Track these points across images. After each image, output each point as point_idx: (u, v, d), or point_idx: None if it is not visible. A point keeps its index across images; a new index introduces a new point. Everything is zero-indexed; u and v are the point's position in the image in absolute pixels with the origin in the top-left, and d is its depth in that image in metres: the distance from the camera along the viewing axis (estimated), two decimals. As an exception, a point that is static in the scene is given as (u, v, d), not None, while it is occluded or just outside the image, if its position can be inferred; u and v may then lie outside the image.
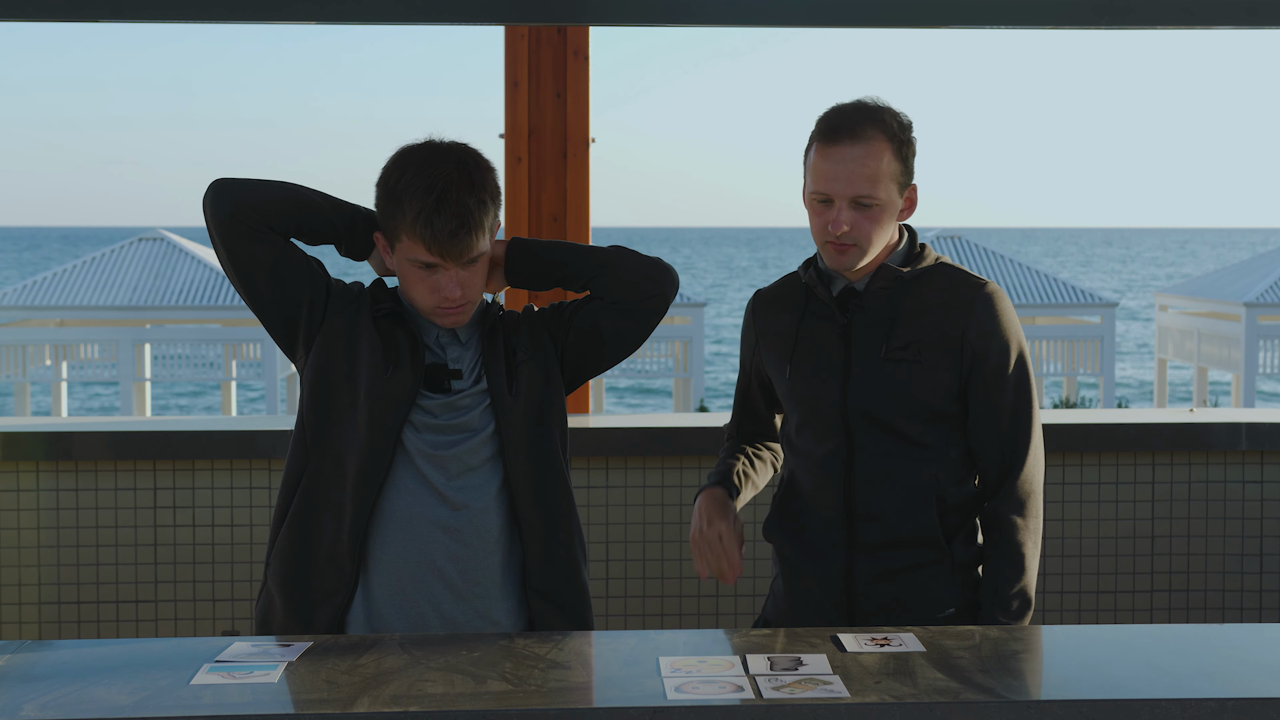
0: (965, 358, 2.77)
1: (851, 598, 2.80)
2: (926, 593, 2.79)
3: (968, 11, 3.92)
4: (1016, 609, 2.75)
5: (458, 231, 2.58)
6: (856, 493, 2.79)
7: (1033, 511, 2.79)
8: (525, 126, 4.32)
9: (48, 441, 4.08)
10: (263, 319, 2.71)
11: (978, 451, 2.81)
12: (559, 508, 2.74)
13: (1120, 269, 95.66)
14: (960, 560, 2.81)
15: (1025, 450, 2.80)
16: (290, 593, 2.67)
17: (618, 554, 4.17)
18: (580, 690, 2.21)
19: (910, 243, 2.87)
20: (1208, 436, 4.23)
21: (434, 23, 3.89)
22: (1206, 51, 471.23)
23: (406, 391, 2.65)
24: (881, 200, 2.74)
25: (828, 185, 2.74)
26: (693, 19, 3.93)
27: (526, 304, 2.88)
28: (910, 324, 2.78)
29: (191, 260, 21.37)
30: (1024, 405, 2.80)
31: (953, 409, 2.79)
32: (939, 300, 2.80)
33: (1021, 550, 2.76)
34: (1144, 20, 3.94)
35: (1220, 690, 2.19)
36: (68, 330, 20.74)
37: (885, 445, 2.78)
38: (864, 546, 2.79)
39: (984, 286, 2.80)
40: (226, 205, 2.64)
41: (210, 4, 3.86)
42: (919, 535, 2.77)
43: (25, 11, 3.86)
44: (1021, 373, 2.80)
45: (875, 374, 2.77)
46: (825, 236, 2.77)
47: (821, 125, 2.77)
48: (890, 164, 2.74)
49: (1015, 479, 2.78)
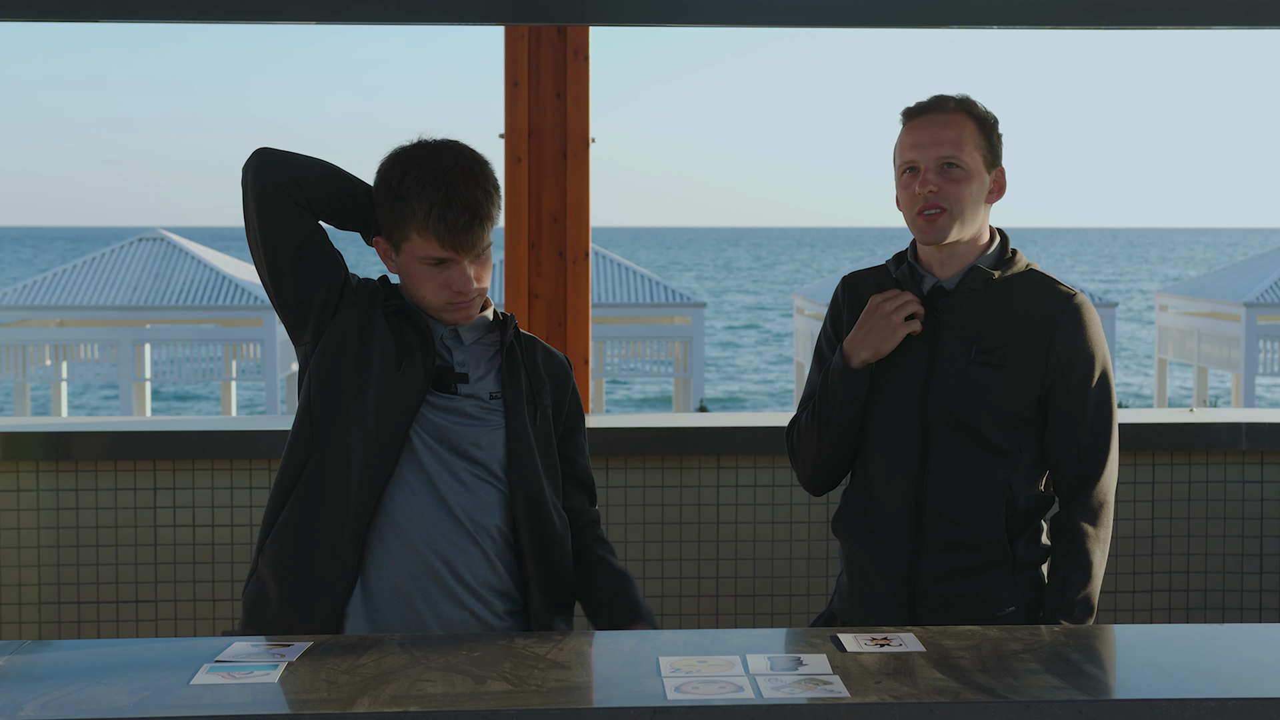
0: (1049, 367, 2.78)
1: (914, 596, 2.82)
2: (987, 593, 2.81)
3: (968, 11, 3.92)
4: (1078, 615, 2.77)
5: (470, 224, 2.60)
6: (927, 491, 2.80)
7: (1104, 522, 2.81)
8: (525, 126, 4.32)
9: (48, 441, 4.08)
10: (276, 296, 2.68)
11: (1054, 460, 2.82)
12: (552, 515, 2.76)
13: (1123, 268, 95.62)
14: (1022, 561, 2.82)
15: (1103, 462, 2.81)
16: (288, 580, 2.65)
17: (618, 554, 4.16)
18: (580, 690, 2.21)
19: (1002, 246, 2.89)
20: (1208, 436, 4.23)
21: (434, 23, 3.89)
22: (1206, 51, 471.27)
23: (418, 387, 2.65)
24: (966, 165, 2.78)
25: (913, 153, 2.80)
26: (693, 19, 3.93)
27: (564, 363, 2.86)
28: (997, 329, 2.79)
29: (191, 260, 21.38)
30: (1104, 418, 2.82)
31: (1031, 416, 2.81)
32: (1027, 307, 2.81)
33: (1091, 559, 2.78)
34: (1144, 20, 3.94)
35: (1220, 690, 2.19)
36: (68, 330, 20.75)
37: (960, 447, 2.79)
38: (930, 546, 2.81)
39: (1074, 297, 2.82)
40: (269, 174, 2.62)
41: (210, 4, 3.86)
42: (985, 538, 2.79)
43: (25, 11, 3.86)
44: (1104, 385, 2.82)
45: (959, 375, 2.78)
46: (915, 205, 2.80)
47: (907, 110, 2.86)
48: (975, 135, 2.81)
49: (1091, 489, 2.80)
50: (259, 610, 2.70)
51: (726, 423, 4.24)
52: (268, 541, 2.69)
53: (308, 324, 2.69)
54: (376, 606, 2.65)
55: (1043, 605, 2.81)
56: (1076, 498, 2.80)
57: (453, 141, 2.68)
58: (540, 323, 4.32)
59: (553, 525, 2.75)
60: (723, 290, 74.48)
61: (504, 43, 4.34)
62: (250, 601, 2.72)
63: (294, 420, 2.71)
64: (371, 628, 2.65)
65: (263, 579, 2.70)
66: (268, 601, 2.69)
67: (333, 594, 2.64)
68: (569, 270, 4.35)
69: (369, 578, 2.66)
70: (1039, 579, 2.85)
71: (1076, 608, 2.77)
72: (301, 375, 2.73)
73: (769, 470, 4.13)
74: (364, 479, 2.63)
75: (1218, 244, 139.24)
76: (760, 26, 3.99)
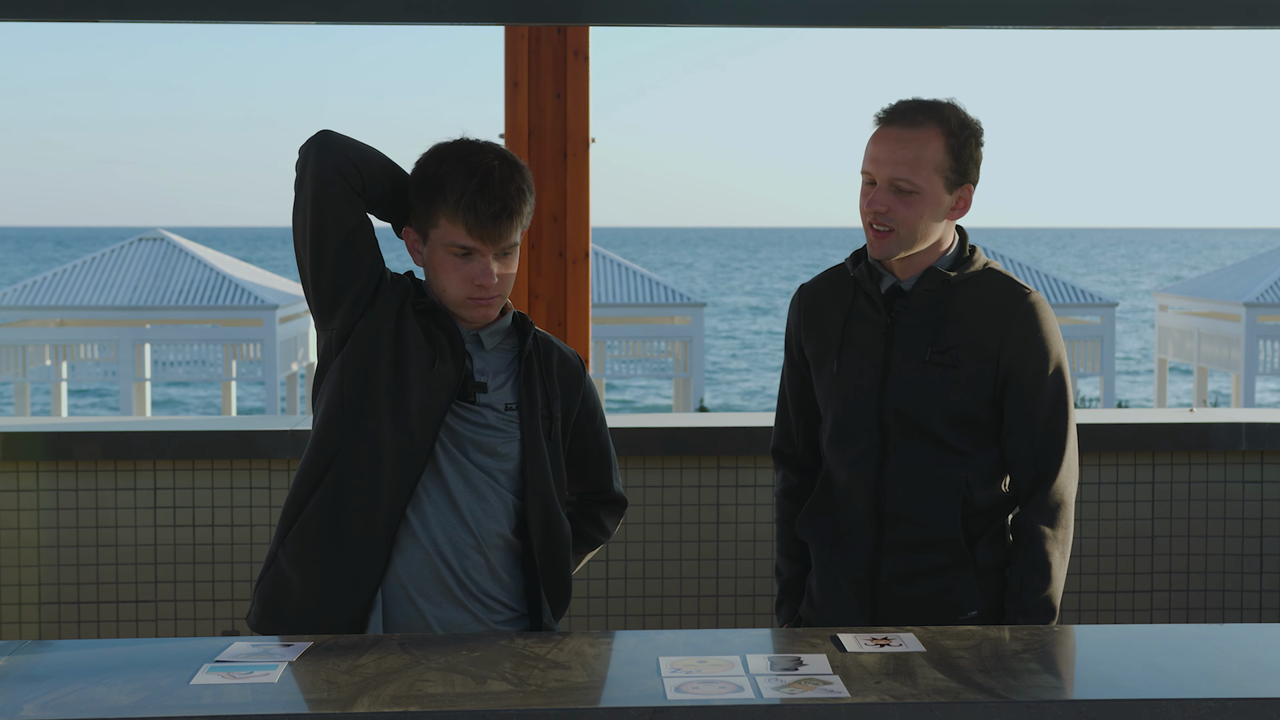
0: (1001, 366, 2.77)
1: (876, 598, 2.82)
2: (947, 596, 2.80)
3: (968, 11, 3.92)
4: (1039, 617, 2.75)
5: (500, 215, 2.60)
6: (886, 492, 2.80)
7: (1063, 522, 2.79)
8: (525, 126, 4.32)
9: (48, 441, 4.08)
10: (313, 278, 2.65)
11: (1011, 460, 2.81)
12: (563, 526, 2.78)
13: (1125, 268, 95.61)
14: (984, 564, 2.81)
15: (1059, 461, 2.79)
16: (312, 574, 2.64)
17: (618, 554, 4.17)
18: (580, 690, 2.21)
19: (960, 246, 2.86)
20: (1208, 436, 4.22)
21: (434, 23, 3.89)
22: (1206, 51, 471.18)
23: (450, 385, 2.65)
24: (920, 188, 2.73)
25: (871, 165, 2.77)
26: (693, 19, 3.93)
27: (577, 365, 2.87)
28: (953, 329, 2.78)
29: (191, 260, 21.37)
30: (1059, 416, 2.79)
31: (986, 416, 2.80)
32: (982, 306, 2.80)
33: (1049, 560, 2.76)
34: (1144, 20, 3.94)
35: (1220, 690, 2.19)
36: (68, 330, 20.74)
37: (917, 447, 2.78)
38: (891, 547, 2.80)
39: (1027, 296, 2.80)
40: (333, 158, 2.61)
41: (210, 4, 3.86)
42: (943, 538, 2.78)
43: (25, 11, 3.86)
44: (1058, 384, 2.80)
45: (915, 376, 2.78)
46: (866, 217, 2.79)
47: (880, 110, 2.81)
48: (938, 154, 2.74)
49: (1047, 489, 2.78)
50: (278, 602, 2.68)
51: (726, 423, 4.25)
52: (290, 533, 2.67)
53: (339, 311, 2.66)
54: (385, 603, 2.66)
55: (1004, 608, 2.80)
56: (1033, 498, 2.78)
57: (494, 143, 2.71)
58: (540, 323, 4.32)
59: (564, 534, 2.77)
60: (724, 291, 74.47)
61: (504, 43, 4.34)
62: (268, 594, 2.69)
63: (320, 412, 2.68)
64: (382, 624, 2.65)
65: (283, 571, 2.68)
66: (289, 594, 2.66)
67: (360, 588, 2.63)
68: (569, 270, 4.35)
69: (395, 572, 2.66)
70: (1003, 583, 2.83)
71: (1037, 610, 2.75)
72: (324, 365, 2.71)
73: (769, 470, 4.13)
74: (396, 474, 2.62)
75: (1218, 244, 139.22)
76: (760, 26, 3.99)
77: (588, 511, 2.94)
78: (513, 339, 2.78)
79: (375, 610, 2.64)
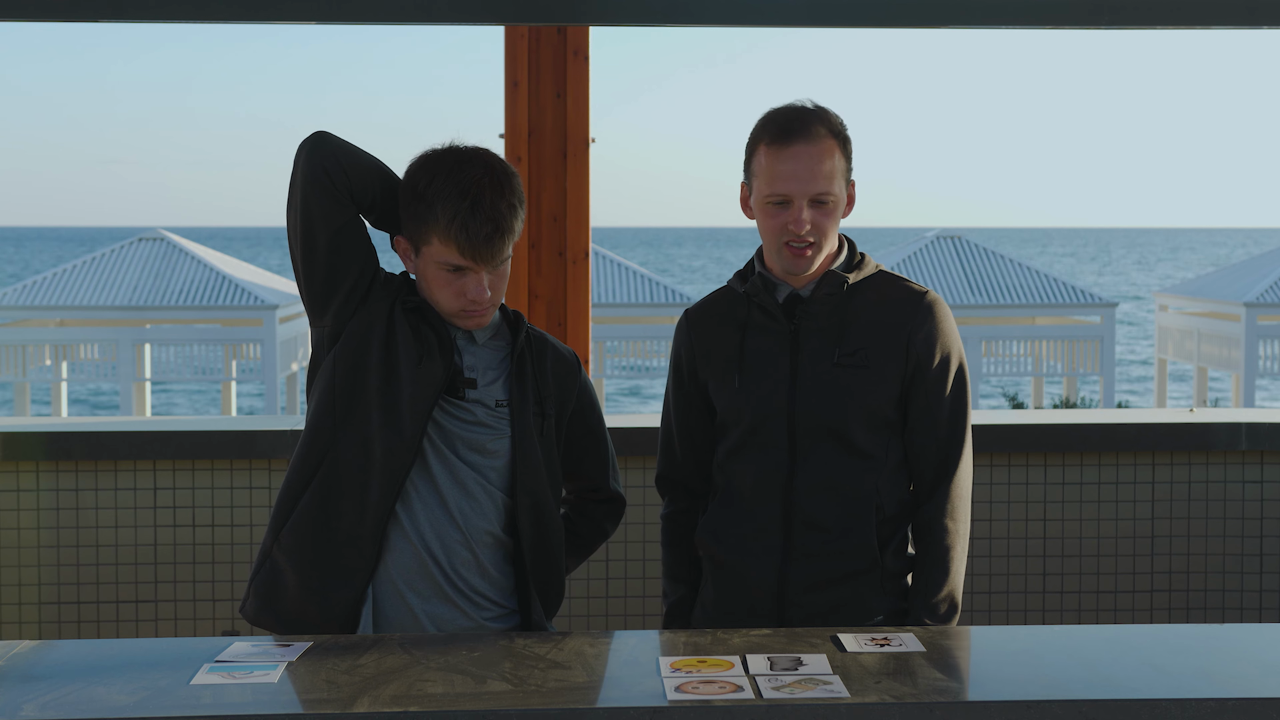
0: (909, 363, 2.80)
1: (783, 606, 2.79)
2: (857, 602, 2.79)
3: (968, 11, 3.92)
4: (944, 613, 2.77)
5: (492, 236, 2.60)
6: (797, 501, 2.78)
7: (963, 517, 2.82)
8: (525, 126, 4.32)
9: (48, 441, 4.08)
10: (305, 275, 2.67)
11: (914, 456, 2.83)
12: (556, 524, 2.78)
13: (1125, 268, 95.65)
14: (890, 569, 2.81)
15: (959, 456, 2.82)
16: (306, 569, 2.65)
17: (618, 554, 4.17)
18: (580, 690, 2.21)
19: (850, 250, 2.88)
20: (1208, 436, 4.23)
21: (434, 23, 3.89)
22: (1206, 51, 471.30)
23: (437, 382, 2.66)
24: (837, 197, 2.76)
25: (786, 186, 2.74)
26: (693, 19, 3.93)
27: (572, 362, 2.87)
28: (857, 331, 2.80)
29: (191, 260, 21.38)
30: (960, 412, 2.83)
31: (894, 415, 2.81)
32: (883, 307, 2.82)
33: (950, 555, 2.79)
34: (1144, 20, 3.94)
35: (1220, 690, 2.19)
36: (68, 330, 20.75)
37: (829, 454, 2.78)
38: (801, 555, 2.79)
39: (926, 295, 2.84)
40: (322, 159, 2.62)
41: (210, 4, 3.86)
42: (856, 545, 2.78)
43: (25, 11, 3.86)
44: (960, 380, 2.84)
45: (824, 380, 2.78)
46: (783, 238, 2.76)
47: (770, 127, 2.77)
48: (839, 161, 2.77)
49: (949, 484, 2.81)
50: (274, 596, 2.69)
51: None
52: (285, 529, 2.68)
53: (331, 307, 2.68)
54: (376, 598, 2.66)
55: (908, 608, 2.80)
56: (936, 493, 2.81)
57: (483, 150, 2.69)
58: (540, 323, 4.32)
59: (556, 533, 2.77)
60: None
61: (504, 43, 4.34)
62: (263, 588, 2.71)
63: (313, 408, 2.70)
64: (373, 619, 2.65)
65: (278, 567, 2.69)
66: (284, 589, 2.68)
67: (352, 584, 2.64)
68: (569, 270, 4.35)
69: (386, 568, 2.66)
70: (905, 587, 2.84)
71: (942, 605, 2.77)
72: (316, 361, 2.72)
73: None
74: (386, 470, 2.63)
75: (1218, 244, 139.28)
76: (760, 26, 3.99)
77: (585, 511, 2.94)
78: (505, 336, 2.78)
79: (366, 605, 2.65)
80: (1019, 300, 21.65)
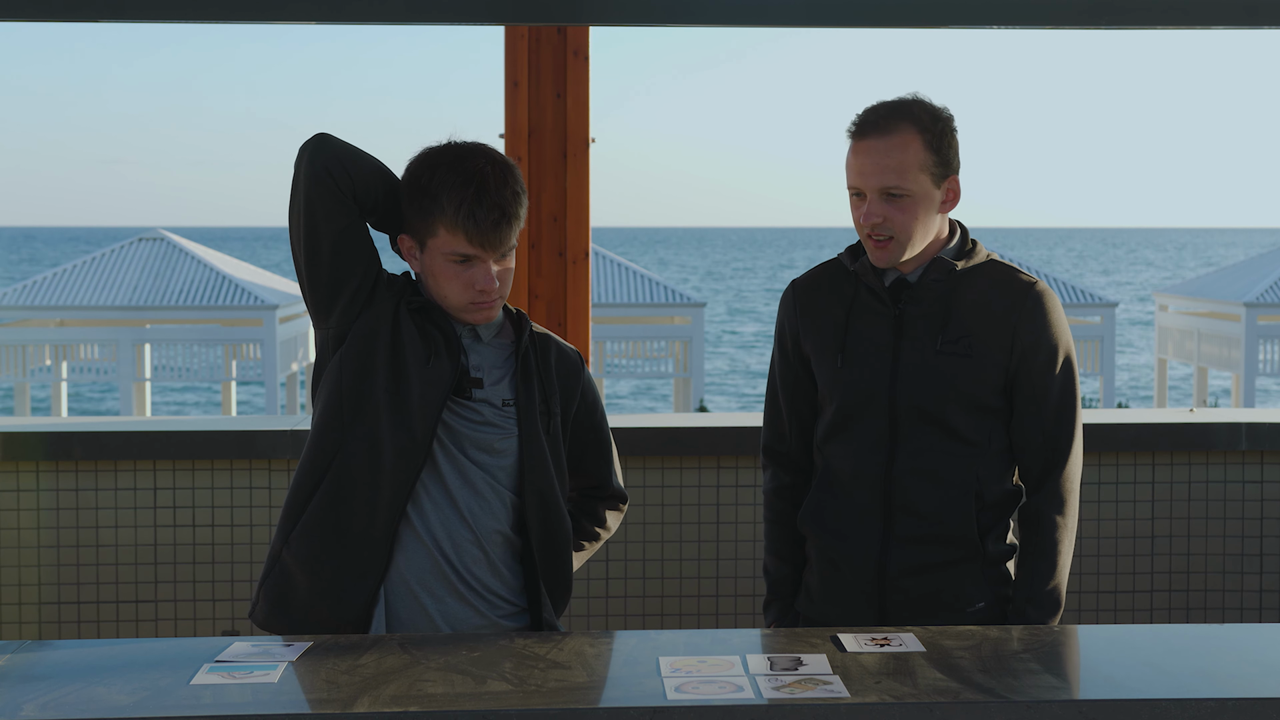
0: (1014, 354, 2.78)
1: (884, 591, 2.81)
2: (957, 588, 2.80)
3: (968, 11, 3.92)
4: (1048, 607, 2.77)
5: (499, 222, 2.62)
6: (896, 485, 2.79)
7: (1071, 510, 2.81)
8: (525, 126, 4.32)
9: (48, 441, 4.08)
10: (309, 276, 2.67)
11: (1020, 447, 2.82)
12: (563, 522, 2.79)
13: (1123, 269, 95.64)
14: (992, 556, 2.82)
15: (1069, 449, 2.81)
16: (318, 572, 2.65)
17: (618, 554, 4.17)
18: (580, 690, 2.21)
19: (962, 238, 2.88)
20: (1208, 436, 4.23)
21: (434, 23, 3.89)
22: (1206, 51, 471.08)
23: (445, 381, 2.66)
24: (911, 191, 2.74)
25: (858, 179, 2.77)
26: (693, 19, 3.93)
27: (575, 360, 2.87)
28: (963, 318, 2.79)
29: (191, 260, 21.38)
30: (1069, 404, 2.82)
31: (998, 404, 2.81)
32: (991, 295, 2.81)
33: (1058, 548, 2.78)
34: (1144, 20, 3.94)
35: (1220, 690, 2.19)
36: (68, 330, 20.75)
37: (930, 439, 2.78)
38: (900, 540, 2.80)
39: (1035, 285, 2.82)
40: (324, 160, 2.62)
41: (210, 4, 3.86)
42: (955, 532, 2.78)
43: (25, 11, 3.86)
44: (1068, 372, 2.82)
45: (926, 366, 2.78)
46: (864, 230, 2.79)
47: (853, 122, 2.81)
48: (919, 154, 2.75)
49: (1058, 476, 2.80)
50: (285, 600, 2.69)
51: (726, 423, 4.25)
52: (295, 533, 2.68)
53: (335, 308, 2.68)
54: (388, 599, 2.67)
55: (1011, 598, 2.81)
56: (1044, 485, 2.80)
57: (482, 144, 2.71)
58: (540, 323, 4.31)
59: (564, 531, 2.78)
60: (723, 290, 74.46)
61: (504, 43, 4.34)
62: (274, 592, 2.70)
63: (319, 411, 2.70)
64: (385, 619, 2.66)
65: (289, 571, 2.69)
66: (296, 593, 2.68)
67: (365, 584, 2.64)
68: (569, 270, 4.35)
69: (398, 568, 2.67)
70: (1006, 575, 2.85)
71: (1045, 600, 2.77)
72: (320, 364, 2.72)
73: (769, 470, 4.13)
74: (396, 471, 2.64)
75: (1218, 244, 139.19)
76: (760, 26, 3.99)
77: (587, 507, 2.94)
78: (509, 335, 2.78)
79: (379, 605, 2.65)
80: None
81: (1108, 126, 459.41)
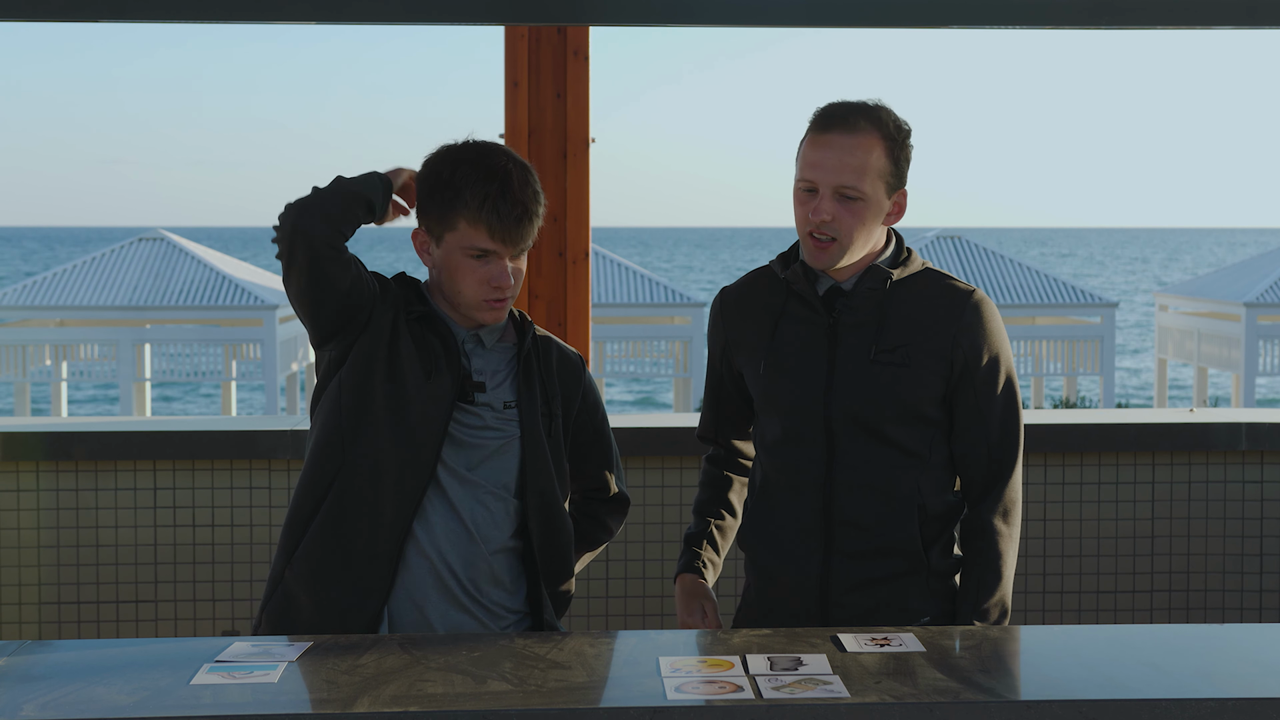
0: (955, 364, 2.73)
1: (826, 607, 2.75)
2: (901, 602, 2.74)
3: (968, 11, 3.92)
4: (995, 619, 2.73)
5: (521, 218, 2.63)
6: (836, 499, 2.73)
7: (1015, 521, 2.77)
8: (525, 126, 4.32)
9: (48, 441, 4.08)
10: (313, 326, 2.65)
11: (963, 458, 2.77)
12: (565, 524, 2.79)
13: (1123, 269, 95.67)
14: (936, 569, 2.77)
15: (1014, 460, 2.77)
16: (322, 592, 2.64)
17: (618, 554, 4.17)
18: (580, 690, 2.21)
19: (898, 247, 2.82)
20: (1208, 436, 4.23)
21: (434, 23, 3.89)
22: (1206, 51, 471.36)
23: (448, 395, 2.65)
24: (866, 195, 2.69)
25: (814, 173, 2.70)
26: (693, 19, 3.93)
27: (577, 363, 2.87)
28: (899, 327, 2.73)
29: (191, 260, 21.37)
30: (1012, 415, 2.78)
31: (936, 414, 2.75)
32: (927, 305, 2.75)
33: (1003, 559, 2.74)
34: (1144, 20, 3.94)
35: (1220, 690, 2.19)
36: (68, 330, 20.74)
37: (868, 451, 2.73)
38: (842, 554, 2.74)
39: (974, 293, 2.77)
40: (321, 235, 2.56)
41: (211, 4, 3.86)
42: (898, 545, 2.73)
43: (25, 11, 3.86)
44: (1010, 382, 2.78)
45: (862, 376, 2.72)
46: (807, 227, 2.72)
47: (816, 115, 2.74)
48: (880, 160, 2.70)
49: (1003, 487, 2.76)
50: (289, 622, 2.68)
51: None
52: (297, 554, 2.67)
53: (333, 340, 2.68)
54: (393, 616, 2.66)
55: (957, 611, 2.76)
56: (988, 497, 2.75)
57: (502, 145, 2.73)
58: (540, 323, 4.32)
59: (566, 532, 2.77)
60: (723, 290, 74.37)
61: (504, 43, 4.34)
62: (277, 614, 2.69)
63: (318, 428, 2.68)
64: (389, 632, 2.65)
65: (290, 592, 2.68)
66: (299, 612, 2.67)
67: (370, 603, 2.64)
68: (569, 270, 4.35)
69: (403, 586, 2.66)
70: (953, 589, 2.79)
71: (993, 610, 2.72)
72: (322, 381, 2.71)
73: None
74: (399, 488, 2.63)
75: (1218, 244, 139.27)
76: (760, 26, 3.99)
77: (589, 510, 2.94)
78: (512, 337, 2.78)
79: (383, 623, 2.65)
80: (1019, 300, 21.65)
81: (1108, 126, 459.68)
